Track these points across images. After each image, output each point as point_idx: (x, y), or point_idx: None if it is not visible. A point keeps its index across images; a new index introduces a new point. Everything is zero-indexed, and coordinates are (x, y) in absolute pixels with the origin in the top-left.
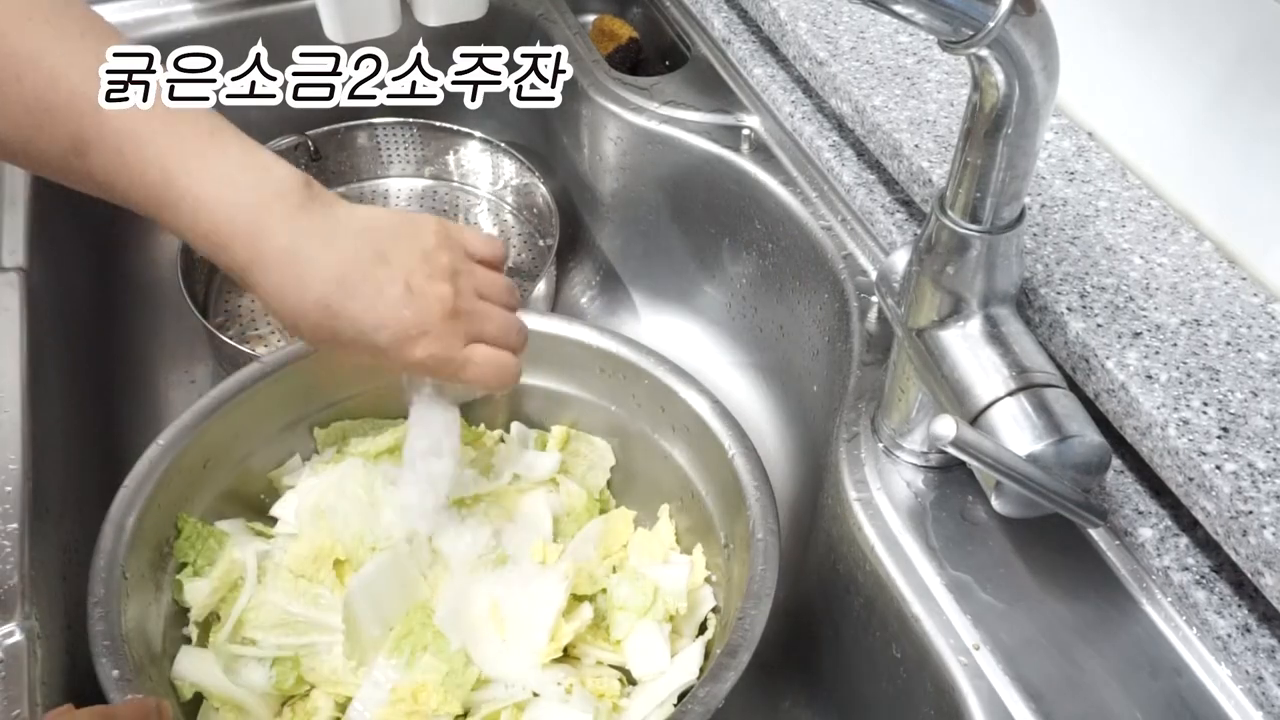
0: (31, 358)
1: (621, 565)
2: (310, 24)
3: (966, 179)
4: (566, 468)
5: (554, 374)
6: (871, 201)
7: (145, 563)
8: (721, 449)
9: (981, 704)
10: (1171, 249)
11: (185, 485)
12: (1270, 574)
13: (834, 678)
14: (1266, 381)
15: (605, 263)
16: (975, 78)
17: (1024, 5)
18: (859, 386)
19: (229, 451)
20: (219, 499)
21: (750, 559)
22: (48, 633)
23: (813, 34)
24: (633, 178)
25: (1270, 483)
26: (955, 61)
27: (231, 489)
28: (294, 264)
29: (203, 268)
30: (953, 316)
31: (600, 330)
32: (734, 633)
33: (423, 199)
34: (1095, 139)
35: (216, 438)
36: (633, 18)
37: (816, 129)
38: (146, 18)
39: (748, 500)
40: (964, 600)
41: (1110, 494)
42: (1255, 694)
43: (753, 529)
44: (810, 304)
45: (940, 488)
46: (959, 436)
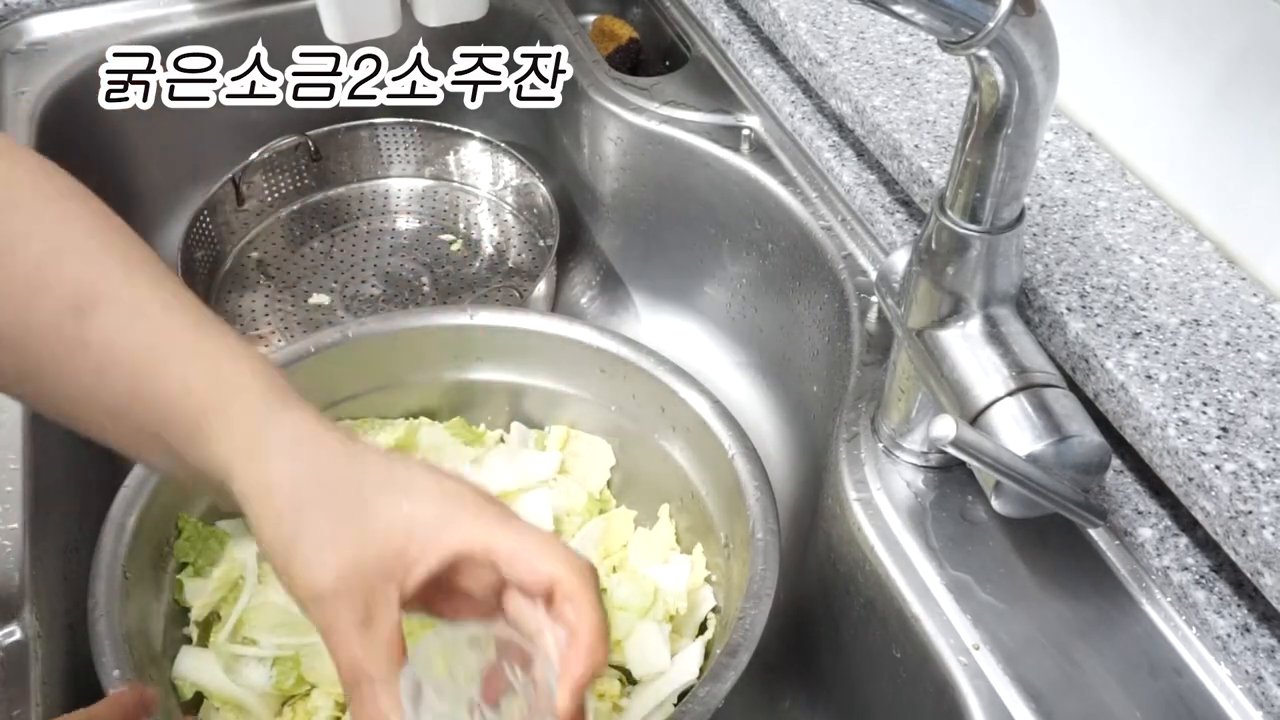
0: None
1: (622, 565)
2: (310, 24)
3: (966, 179)
4: (566, 468)
5: (554, 374)
6: (871, 201)
7: (146, 562)
8: (721, 449)
9: (981, 704)
10: (1171, 249)
11: (186, 485)
12: (1270, 574)
13: (834, 678)
14: (1266, 381)
15: (605, 263)
16: (975, 78)
17: (1024, 5)
18: (859, 386)
19: None
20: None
21: (750, 559)
22: (48, 633)
23: (813, 34)
24: (633, 178)
25: (1270, 483)
26: (955, 61)
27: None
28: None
29: (203, 268)
30: (952, 317)
31: (600, 330)
32: (734, 632)
33: (423, 199)
34: (1095, 139)
35: None
36: (633, 18)
37: (816, 129)
38: (146, 18)
39: (748, 500)
40: (964, 600)
41: (1110, 494)
42: (1255, 694)
43: (753, 529)
44: (810, 304)
45: (940, 488)
46: (959, 436)
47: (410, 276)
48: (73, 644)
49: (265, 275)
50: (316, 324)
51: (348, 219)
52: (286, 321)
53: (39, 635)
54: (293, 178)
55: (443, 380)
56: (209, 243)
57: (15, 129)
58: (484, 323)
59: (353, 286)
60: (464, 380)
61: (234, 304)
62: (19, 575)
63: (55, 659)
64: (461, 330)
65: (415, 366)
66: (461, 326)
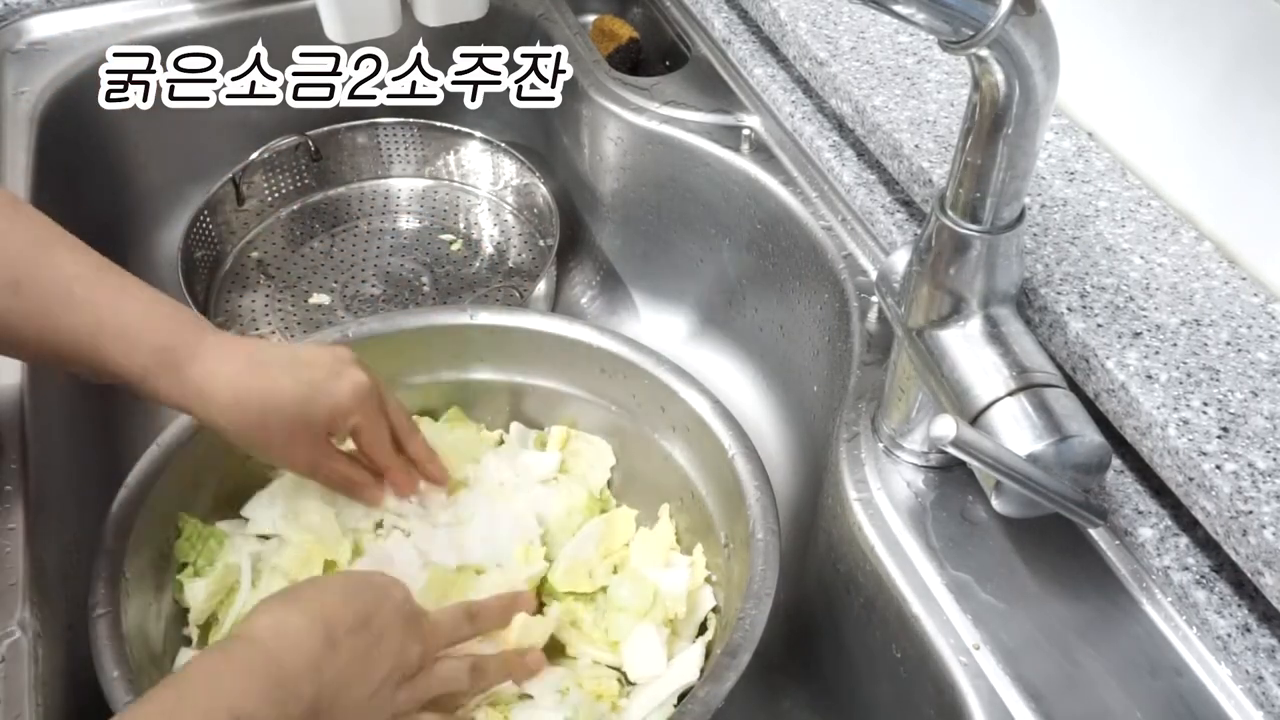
0: None
1: (623, 565)
2: (310, 24)
3: (966, 179)
4: (566, 467)
5: (554, 374)
6: (871, 201)
7: (146, 563)
8: (721, 449)
9: (981, 704)
10: (1171, 249)
11: (186, 485)
12: (1270, 574)
13: (834, 678)
14: (1266, 381)
15: (605, 263)
16: (975, 78)
17: (1024, 5)
18: (859, 386)
19: (229, 451)
20: (219, 499)
21: (750, 559)
22: (48, 633)
23: (813, 34)
24: (633, 178)
25: (1270, 482)
26: (955, 61)
27: (233, 489)
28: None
29: (203, 268)
30: (953, 316)
31: (600, 330)
32: (734, 632)
33: (423, 199)
34: (1095, 139)
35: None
36: (633, 18)
37: (816, 129)
38: (146, 18)
39: (748, 500)
40: (964, 600)
41: (1110, 494)
42: (1255, 694)
43: (753, 529)
44: (810, 304)
45: (940, 488)
46: (959, 436)
47: (410, 276)
48: (72, 644)
49: (265, 275)
50: (317, 324)
51: (348, 219)
52: (287, 321)
53: (38, 635)
54: (293, 177)
55: (442, 380)
56: (209, 242)
57: (15, 129)
58: (484, 323)
59: (353, 286)
60: (464, 380)
61: (234, 304)
62: (18, 575)
63: (54, 659)
64: (461, 330)
65: (415, 366)
66: (462, 326)
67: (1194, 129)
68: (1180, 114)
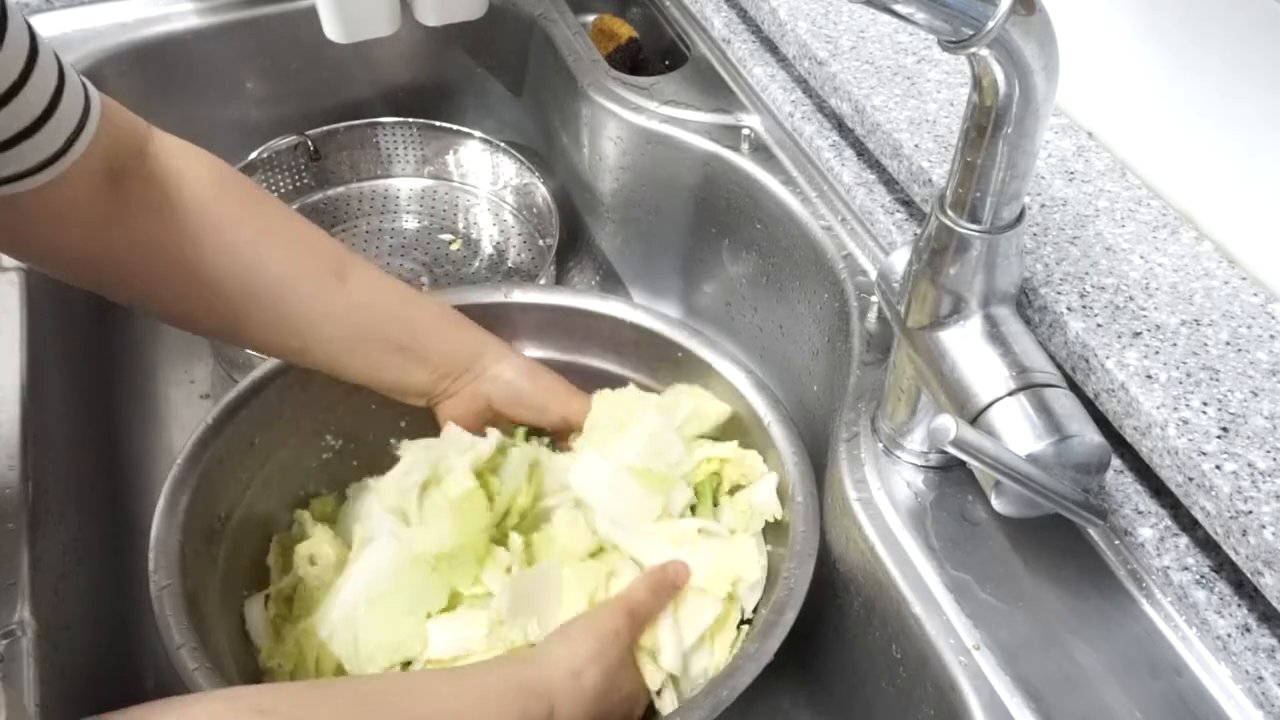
0: (31, 358)
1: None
2: (310, 24)
3: (966, 179)
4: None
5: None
6: (871, 201)
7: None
8: (758, 417)
9: (981, 704)
10: (1171, 249)
11: (234, 465)
12: (1270, 574)
13: (834, 678)
14: (1266, 381)
15: (605, 263)
16: (975, 77)
17: (1024, 5)
18: (859, 386)
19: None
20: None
21: (790, 521)
22: (48, 632)
23: (813, 34)
24: (633, 178)
25: (1270, 482)
26: (955, 61)
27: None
28: None
29: None
30: (952, 316)
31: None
32: (778, 591)
33: (423, 199)
34: (1095, 139)
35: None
36: (633, 18)
37: (816, 129)
38: (147, 18)
39: (786, 465)
40: (964, 600)
41: (1110, 494)
42: (1255, 694)
43: (792, 492)
44: (810, 304)
45: (940, 488)
46: (959, 436)
47: (410, 276)
48: (72, 644)
49: None
50: None
51: (348, 218)
52: None
53: (38, 635)
54: (292, 177)
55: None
56: None
57: None
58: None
59: None
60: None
61: None
62: (18, 575)
63: (54, 659)
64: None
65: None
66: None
67: (1194, 129)
68: (1180, 114)
